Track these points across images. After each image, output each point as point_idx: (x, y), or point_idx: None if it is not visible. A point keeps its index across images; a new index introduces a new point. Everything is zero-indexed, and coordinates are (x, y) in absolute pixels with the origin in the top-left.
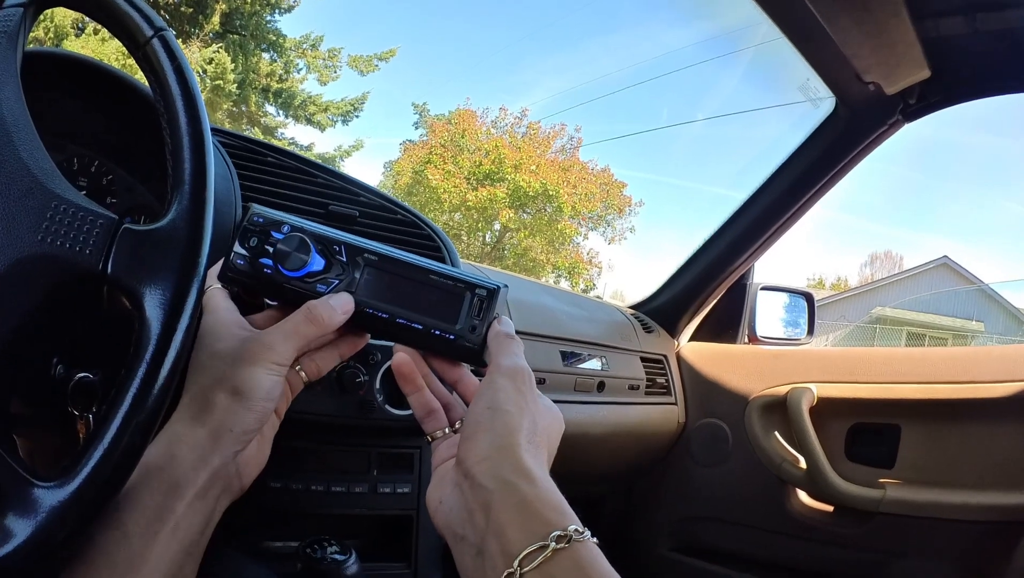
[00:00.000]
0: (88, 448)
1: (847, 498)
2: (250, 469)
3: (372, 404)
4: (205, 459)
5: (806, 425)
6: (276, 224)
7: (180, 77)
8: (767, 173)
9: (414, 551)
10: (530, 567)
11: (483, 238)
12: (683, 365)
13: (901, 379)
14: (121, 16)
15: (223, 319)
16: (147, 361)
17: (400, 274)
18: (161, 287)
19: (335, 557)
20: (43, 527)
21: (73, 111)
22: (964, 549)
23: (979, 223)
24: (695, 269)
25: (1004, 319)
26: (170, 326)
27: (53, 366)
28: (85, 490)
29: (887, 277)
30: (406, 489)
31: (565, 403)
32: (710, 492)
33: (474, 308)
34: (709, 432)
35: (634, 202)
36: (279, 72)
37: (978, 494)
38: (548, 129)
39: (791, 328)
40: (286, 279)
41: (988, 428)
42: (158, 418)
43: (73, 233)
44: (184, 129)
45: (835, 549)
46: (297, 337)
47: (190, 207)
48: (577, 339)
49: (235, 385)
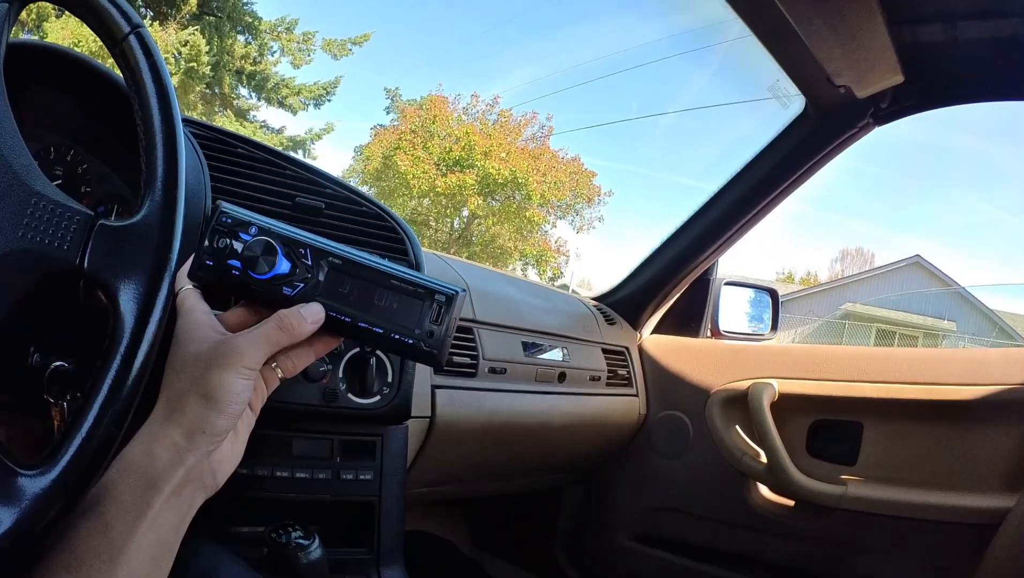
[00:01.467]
0: (67, 436)
1: (807, 493)
2: (224, 467)
3: (335, 393)
4: (180, 458)
5: (767, 420)
6: (244, 225)
7: (155, 75)
8: (735, 169)
9: (376, 536)
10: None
11: (451, 224)
12: (645, 357)
13: (864, 377)
14: (100, 12)
15: (197, 321)
16: (122, 353)
17: (363, 278)
18: (135, 282)
19: (299, 541)
20: (27, 514)
21: (50, 101)
22: (926, 547)
23: (954, 224)
24: (659, 262)
25: (977, 319)
26: (143, 319)
27: (30, 355)
28: (66, 477)
29: (858, 273)
30: (368, 476)
31: (526, 393)
32: (670, 484)
33: (433, 313)
34: (670, 424)
35: (603, 192)
36: (253, 54)
37: (940, 494)
38: (519, 117)
39: (755, 323)
40: (253, 281)
41: (951, 430)
42: (132, 407)
43: (52, 229)
44: (157, 127)
45: (795, 543)
46: (267, 344)
47: (162, 204)
48: (539, 330)
49: (207, 389)
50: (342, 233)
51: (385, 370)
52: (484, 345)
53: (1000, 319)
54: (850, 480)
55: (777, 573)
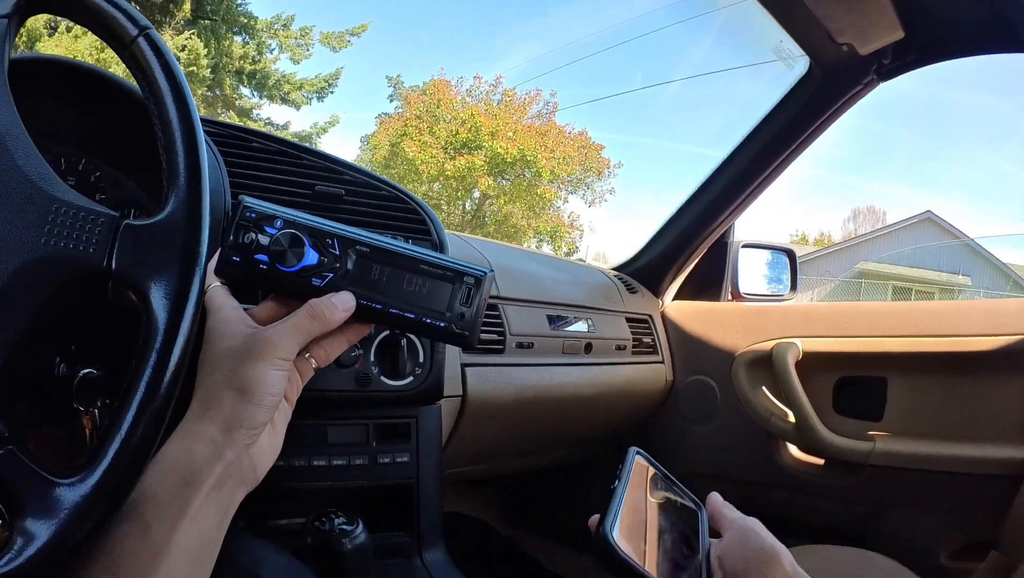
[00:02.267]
0: (105, 440)
1: (836, 451)
2: (263, 460)
3: (368, 377)
4: (219, 453)
5: (792, 379)
6: (269, 218)
7: (168, 73)
8: (744, 133)
9: (416, 519)
10: None
11: (463, 207)
12: (668, 324)
13: (886, 333)
14: (106, 18)
15: (227, 317)
16: (157, 349)
17: (391, 264)
18: (165, 278)
19: (343, 527)
20: (65, 525)
21: (56, 111)
22: (956, 501)
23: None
24: (676, 229)
25: (991, 273)
26: (177, 315)
27: (56, 365)
28: (106, 482)
29: (871, 232)
30: (405, 458)
31: (554, 366)
32: (701, 449)
33: (463, 295)
34: (697, 389)
35: (613, 164)
36: (252, 54)
37: (967, 447)
38: (523, 95)
39: (774, 284)
40: (281, 274)
41: (974, 381)
42: (170, 406)
43: (76, 233)
44: (176, 124)
45: (827, 502)
46: (299, 334)
47: (187, 199)
48: (563, 302)
49: (241, 383)
50: (364, 218)
51: (416, 351)
52: (510, 321)
53: (1014, 272)
54: (877, 436)
55: (811, 533)
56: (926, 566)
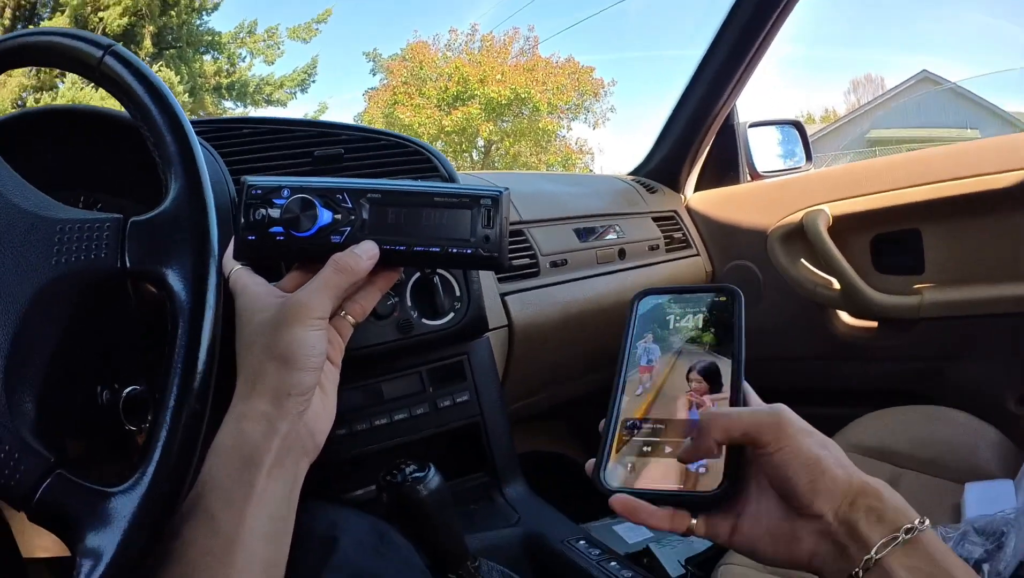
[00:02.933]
0: (152, 436)
1: (886, 309)
2: (320, 425)
3: (409, 322)
4: (273, 427)
5: (828, 245)
6: (275, 190)
7: (140, 77)
8: (726, 8)
9: (490, 455)
10: (884, 553)
11: (471, 158)
12: (695, 215)
13: (908, 183)
14: (68, 51)
15: (255, 293)
16: (186, 331)
17: (406, 204)
18: (180, 262)
19: (415, 475)
20: (129, 533)
21: (47, 158)
22: (1014, 343)
23: (952, 36)
24: (680, 121)
25: (997, 124)
26: (199, 294)
27: (99, 394)
28: (159, 478)
29: (873, 100)
30: (465, 397)
31: (592, 277)
32: (754, 333)
33: (483, 218)
34: (738, 274)
35: (607, 83)
36: (225, 67)
37: (1013, 286)
38: (502, 37)
39: (789, 159)
40: (300, 241)
41: (1005, 219)
42: (210, 386)
43: (84, 245)
44: (159, 118)
45: (885, 364)
46: (329, 289)
47: (186, 184)
48: (587, 214)
49: (281, 351)
50: (369, 172)
51: (451, 287)
52: (538, 242)
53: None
54: (923, 288)
55: (873, 399)
56: (995, 416)
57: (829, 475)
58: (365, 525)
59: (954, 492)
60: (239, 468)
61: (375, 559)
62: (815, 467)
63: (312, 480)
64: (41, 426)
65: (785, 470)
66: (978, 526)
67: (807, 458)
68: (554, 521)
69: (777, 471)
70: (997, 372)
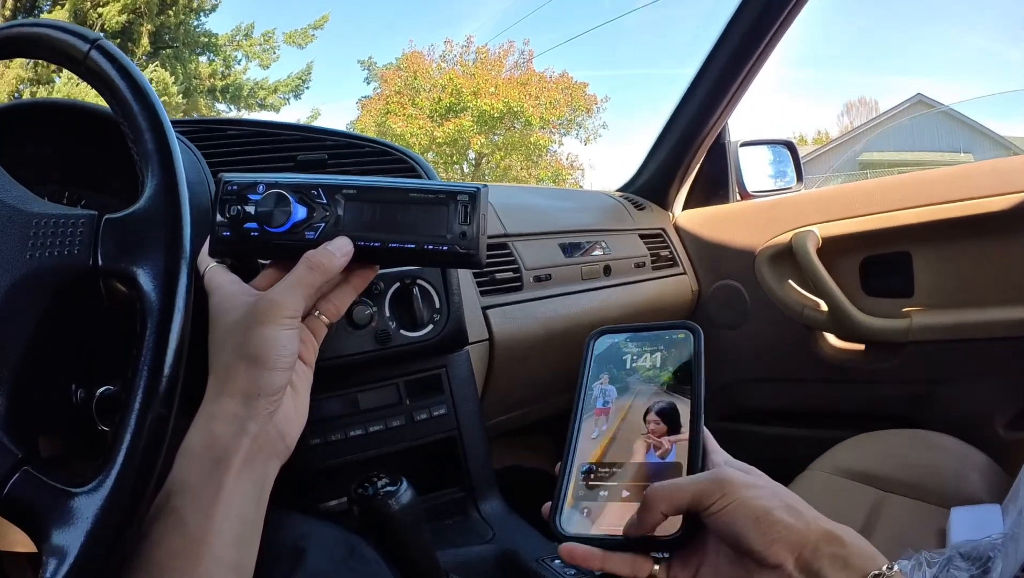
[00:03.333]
0: (118, 435)
1: (874, 333)
2: (292, 427)
3: (388, 333)
4: (243, 427)
5: (817, 267)
6: (250, 186)
7: (124, 73)
8: (721, 27)
9: (466, 471)
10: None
11: (461, 170)
12: (683, 233)
13: (899, 206)
14: (56, 43)
15: (228, 292)
16: (154, 328)
17: (382, 200)
18: (151, 260)
19: (387, 489)
20: (94, 531)
21: (35, 152)
22: (1003, 367)
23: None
24: (671, 139)
25: (991, 147)
26: (168, 294)
27: (73, 393)
28: (124, 478)
29: (866, 123)
30: (442, 410)
31: (576, 293)
32: (739, 354)
33: (460, 215)
34: (725, 294)
35: (600, 99)
36: (220, 70)
37: (1003, 310)
38: (497, 49)
39: (779, 179)
40: (274, 236)
41: (995, 243)
42: (177, 384)
43: (59, 240)
44: (139, 114)
45: (872, 388)
46: (302, 287)
47: (162, 181)
48: (573, 229)
49: (252, 351)
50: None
51: (431, 298)
52: (523, 256)
53: (1012, 144)
54: (913, 312)
55: (860, 423)
56: (984, 441)
57: (782, 524)
58: (334, 537)
59: (939, 517)
60: (208, 469)
61: (343, 572)
62: (764, 519)
63: (285, 490)
64: (11, 422)
65: (734, 526)
66: (964, 551)
67: (754, 511)
68: (530, 538)
69: (727, 529)
70: (985, 397)
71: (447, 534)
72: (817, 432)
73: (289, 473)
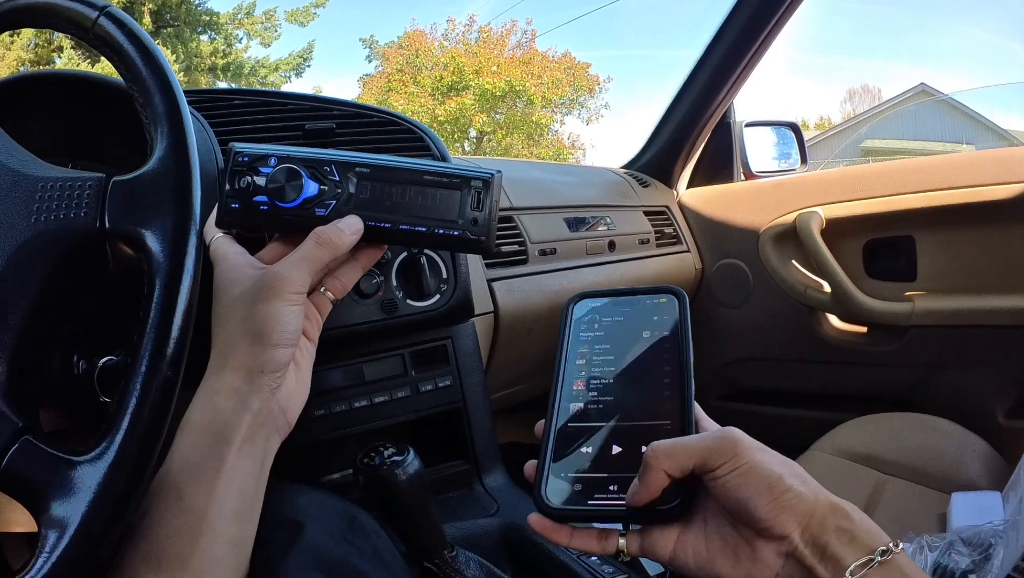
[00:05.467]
0: (122, 400)
1: (877, 315)
2: (293, 403)
3: (394, 302)
4: (245, 403)
5: (821, 247)
6: (262, 158)
7: (133, 38)
8: (728, 6)
9: (471, 443)
10: (859, 575)
11: (462, 148)
12: (687, 211)
13: (904, 190)
14: (64, 12)
15: (234, 264)
16: (161, 291)
17: (395, 180)
18: (160, 223)
19: (394, 458)
20: (95, 502)
21: (40, 124)
22: (1004, 355)
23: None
24: (677, 116)
25: (993, 138)
26: (177, 255)
27: (75, 364)
28: (128, 446)
29: (869, 110)
30: (447, 381)
31: (581, 268)
32: (742, 332)
33: (472, 200)
34: (728, 272)
35: (602, 79)
36: (221, 48)
37: (1007, 298)
38: (500, 29)
39: (783, 160)
40: (284, 211)
41: (999, 231)
42: (185, 348)
43: (65, 203)
44: (148, 78)
45: (873, 370)
46: (309, 263)
47: (172, 144)
48: (578, 204)
49: (256, 326)
50: (359, 148)
51: (438, 268)
52: (528, 230)
53: (1011, 135)
54: (916, 295)
55: (859, 404)
56: (984, 427)
57: (792, 492)
58: (334, 509)
59: (939, 501)
60: (209, 444)
61: (342, 545)
62: (777, 484)
63: (289, 462)
64: (12, 390)
65: (743, 491)
66: (965, 537)
67: (766, 475)
68: (534, 512)
69: (732, 493)
70: (987, 384)
71: (451, 506)
72: (818, 413)
73: (292, 445)
